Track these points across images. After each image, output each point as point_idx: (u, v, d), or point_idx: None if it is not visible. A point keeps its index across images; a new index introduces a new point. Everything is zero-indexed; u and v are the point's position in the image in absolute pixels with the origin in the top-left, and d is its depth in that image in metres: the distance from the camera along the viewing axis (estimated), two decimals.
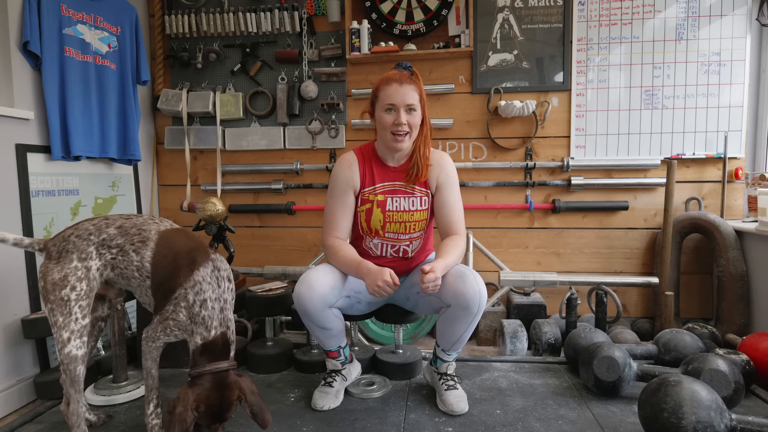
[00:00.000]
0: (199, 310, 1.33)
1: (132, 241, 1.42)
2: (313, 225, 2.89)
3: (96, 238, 1.42)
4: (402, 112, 1.59)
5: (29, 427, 1.60)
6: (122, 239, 1.42)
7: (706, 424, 1.25)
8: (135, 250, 1.41)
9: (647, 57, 2.58)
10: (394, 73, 1.64)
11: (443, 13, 2.62)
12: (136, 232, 1.43)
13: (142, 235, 1.42)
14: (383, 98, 1.61)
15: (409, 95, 1.59)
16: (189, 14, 2.80)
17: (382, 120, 1.62)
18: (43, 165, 2.13)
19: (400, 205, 1.69)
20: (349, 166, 1.70)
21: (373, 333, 2.68)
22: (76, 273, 1.36)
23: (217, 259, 1.42)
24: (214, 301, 1.35)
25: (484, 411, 1.65)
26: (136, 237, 1.42)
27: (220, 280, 1.38)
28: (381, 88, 1.63)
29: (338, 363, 1.76)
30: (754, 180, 2.44)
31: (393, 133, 1.60)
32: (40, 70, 2.11)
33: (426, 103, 1.67)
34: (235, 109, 2.81)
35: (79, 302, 1.35)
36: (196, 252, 1.39)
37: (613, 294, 2.26)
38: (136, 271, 1.41)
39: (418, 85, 1.63)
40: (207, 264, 1.37)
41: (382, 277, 1.48)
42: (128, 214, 1.51)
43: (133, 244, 1.41)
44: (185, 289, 1.34)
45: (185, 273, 1.35)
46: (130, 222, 1.46)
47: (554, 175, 2.70)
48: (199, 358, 1.33)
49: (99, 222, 1.46)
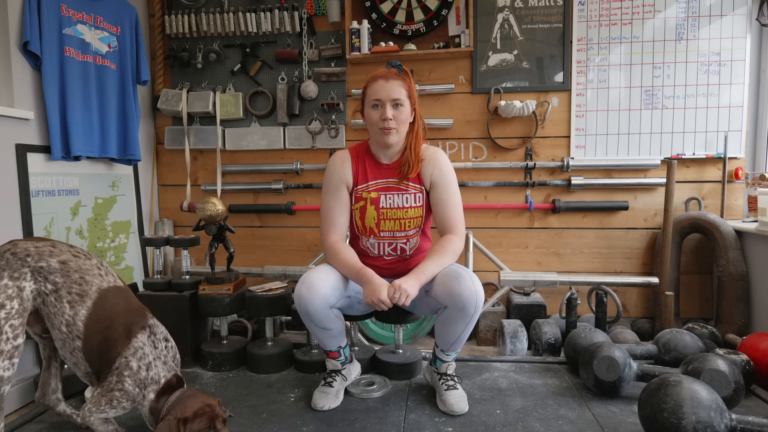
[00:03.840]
0: (146, 374, 1.33)
1: (70, 289, 1.31)
2: (313, 225, 2.89)
3: (33, 262, 1.31)
4: (388, 107, 1.60)
5: (29, 427, 1.60)
6: (61, 279, 1.31)
7: (706, 424, 1.25)
8: (70, 302, 1.30)
9: (647, 57, 2.58)
10: (381, 71, 1.66)
11: (443, 13, 2.62)
12: (77, 279, 1.32)
13: (83, 287, 1.32)
14: (370, 94, 1.64)
15: (394, 90, 1.60)
16: (189, 14, 2.80)
17: (369, 116, 1.64)
18: (43, 165, 2.13)
19: (394, 202, 1.69)
20: (341, 163, 1.72)
21: (373, 333, 2.68)
22: (6, 291, 1.26)
23: (155, 324, 1.41)
24: (156, 359, 1.36)
25: (484, 411, 1.65)
26: (75, 286, 1.31)
27: (156, 342, 1.38)
28: (368, 85, 1.65)
29: (338, 363, 1.76)
30: (754, 180, 2.44)
31: (381, 128, 1.62)
32: (40, 70, 2.11)
33: (416, 99, 1.68)
34: (235, 109, 2.81)
35: (9, 321, 1.25)
36: (133, 317, 1.36)
37: (613, 294, 2.26)
38: (65, 326, 1.30)
39: (405, 81, 1.64)
40: (144, 330, 1.37)
41: (378, 296, 1.49)
42: (77, 249, 1.40)
43: (70, 293, 1.30)
44: (125, 358, 1.31)
45: (122, 341, 1.32)
46: (76, 263, 1.35)
47: (554, 175, 2.70)
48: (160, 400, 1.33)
49: (43, 247, 1.34)
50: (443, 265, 1.60)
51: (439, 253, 1.61)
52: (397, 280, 1.51)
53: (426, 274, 1.56)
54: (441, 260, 1.59)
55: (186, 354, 2.07)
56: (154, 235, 2.41)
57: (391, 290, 1.49)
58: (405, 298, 1.48)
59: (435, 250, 1.62)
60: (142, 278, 2.66)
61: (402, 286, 1.49)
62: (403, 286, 1.49)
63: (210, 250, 2.19)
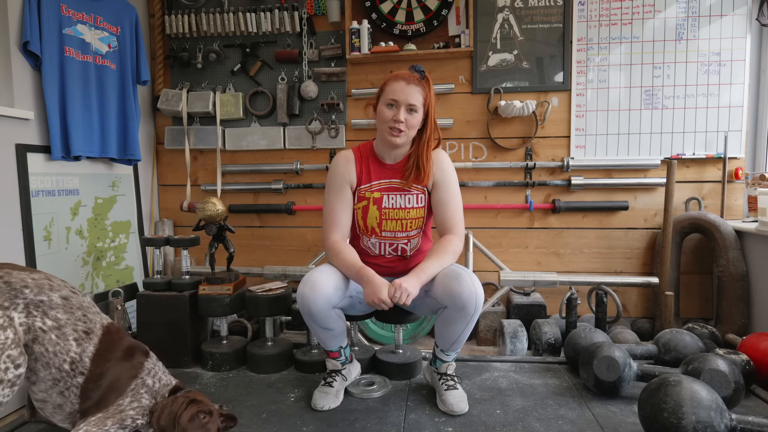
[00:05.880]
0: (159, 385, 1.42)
1: (75, 326, 1.25)
2: (313, 225, 2.89)
3: (33, 294, 1.22)
4: (402, 109, 1.60)
5: (29, 427, 1.59)
6: (65, 316, 1.24)
7: (706, 424, 1.25)
8: (77, 339, 1.24)
9: (647, 57, 2.58)
10: (404, 72, 1.66)
11: (443, 13, 2.62)
12: (80, 316, 1.28)
13: (87, 324, 1.29)
14: (387, 92, 1.63)
15: (412, 95, 1.60)
16: (189, 14, 2.80)
17: (382, 113, 1.64)
18: (43, 165, 2.13)
19: (396, 203, 1.70)
20: (345, 162, 1.72)
21: (373, 333, 2.68)
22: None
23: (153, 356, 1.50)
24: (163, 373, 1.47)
25: (484, 411, 1.65)
26: (80, 324, 1.27)
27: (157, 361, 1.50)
28: (388, 83, 1.65)
29: (338, 363, 1.76)
30: (754, 180, 2.44)
31: (390, 127, 1.62)
32: (40, 70, 2.11)
33: (433, 106, 1.67)
34: (235, 109, 2.81)
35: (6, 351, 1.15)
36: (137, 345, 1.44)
37: (613, 294, 2.26)
38: (68, 364, 1.23)
39: (425, 89, 1.64)
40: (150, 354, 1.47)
41: (379, 296, 1.49)
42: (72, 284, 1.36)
43: (76, 331, 1.25)
44: (142, 378, 1.38)
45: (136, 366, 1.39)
46: (76, 299, 1.31)
47: (554, 175, 2.70)
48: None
49: (40, 279, 1.27)
50: (443, 265, 1.60)
51: (440, 253, 1.61)
52: (397, 280, 1.51)
53: (426, 273, 1.56)
54: (441, 260, 1.60)
55: (186, 354, 2.08)
56: (154, 235, 2.41)
57: (391, 290, 1.49)
58: (406, 297, 1.48)
59: (435, 250, 1.63)
60: (142, 278, 2.66)
61: (403, 285, 1.49)
62: (404, 285, 1.49)
63: (210, 250, 2.19)
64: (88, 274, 2.35)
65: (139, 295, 2.12)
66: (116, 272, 2.54)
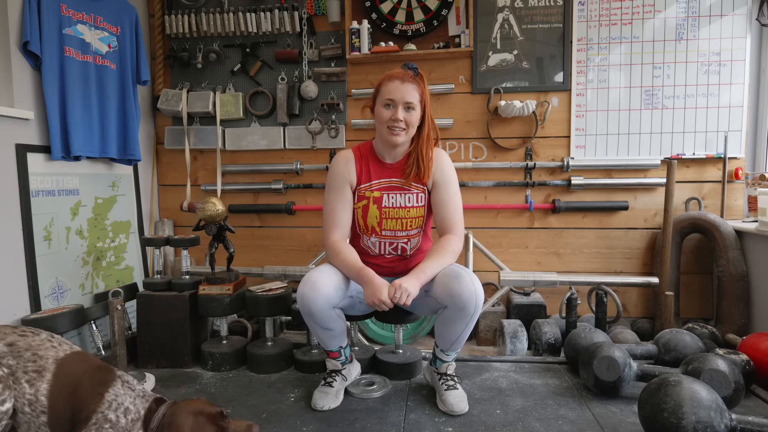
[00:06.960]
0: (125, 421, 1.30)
1: (25, 368, 1.24)
2: (313, 225, 2.89)
3: None
4: (400, 108, 1.61)
5: None
6: (14, 361, 1.24)
7: (706, 424, 1.25)
8: (29, 381, 1.23)
9: (647, 57, 2.58)
10: (398, 71, 1.66)
11: (443, 13, 2.62)
12: (30, 357, 1.26)
13: (38, 363, 1.27)
14: (384, 93, 1.64)
15: (409, 93, 1.61)
16: (189, 14, 2.80)
17: (380, 114, 1.64)
18: (43, 165, 2.13)
19: (396, 202, 1.70)
20: (345, 162, 1.72)
21: (373, 333, 2.68)
22: None
23: (123, 374, 1.38)
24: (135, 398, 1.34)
25: (484, 411, 1.65)
26: (30, 364, 1.25)
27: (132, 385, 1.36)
28: (383, 83, 1.65)
29: (338, 363, 1.76)
30: (754, 180, 2.44)
31: (389, 127, 1.62)
32: (40, 70, 2.11)
33: (429, 103, 1.68)
34: (235, 109, 2.81)
35: None
36: (100, 374, 1.33)
37: (613, 294, 2.26)
38: (28, 406, 1.23)
39: (420, 86, 1.64)
40: (116, 381, 1.34)
41: (379, 296, 1.49)
42: (24, 328, 1.35)
43: (26, 373, 1.24)
44: (102, 413, 1.28)
45: (95, 398, 1.29)
46: (24, 341, 1.29)
47: (554, 175, 2.70)
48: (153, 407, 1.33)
49: None
50: (443, 265, 1.60)
51: (439, 253, 1.61)
52: (397, 280, 1.51)
53: (426, 273, 1.56)
54: (441, 260, 1.60)
55: (186, 354, 2.08)
56: (154, 235, 2.41)
57: (391, 290, 1.49)
58: (406, 297, 1.48)
59: (435, 250, 1.63)
60: (142, 278, 2.66)
61: (403, 285, 1.49)
62: (404, 285, 1.49)
63: (210, 250, 2.19)
64: (88, 274, 2.35)
65: (139, 295, 2.12)
66: (116, 272, 2.54)
